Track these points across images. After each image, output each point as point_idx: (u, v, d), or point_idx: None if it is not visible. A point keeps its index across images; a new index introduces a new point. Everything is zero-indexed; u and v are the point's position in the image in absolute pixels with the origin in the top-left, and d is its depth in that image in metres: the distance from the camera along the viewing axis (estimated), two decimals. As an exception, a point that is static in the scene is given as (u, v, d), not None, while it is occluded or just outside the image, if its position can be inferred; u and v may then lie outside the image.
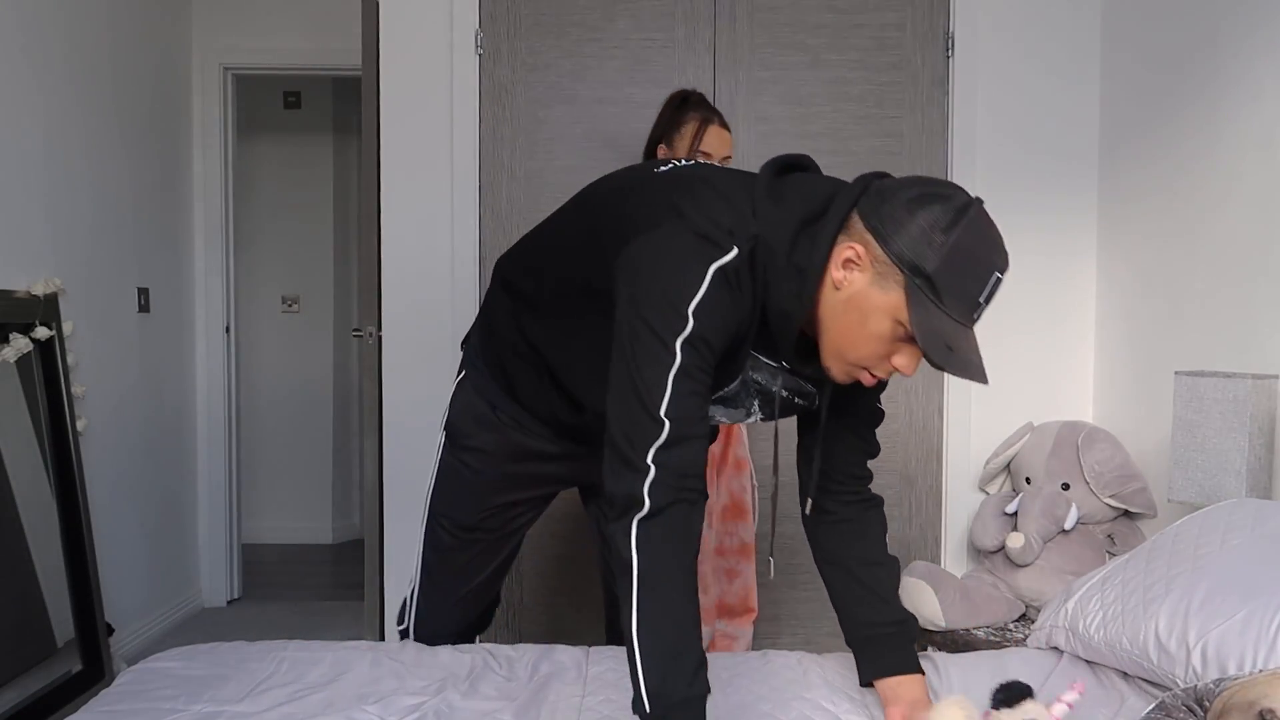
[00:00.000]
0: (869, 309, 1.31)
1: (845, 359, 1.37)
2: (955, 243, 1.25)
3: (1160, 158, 2.67)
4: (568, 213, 1.67)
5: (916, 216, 1.27)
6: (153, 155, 3.63)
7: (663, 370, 1.31)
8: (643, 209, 1.43)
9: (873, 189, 1.33)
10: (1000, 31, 2.97)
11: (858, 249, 1.30)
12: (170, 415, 3.77)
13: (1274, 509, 1.72)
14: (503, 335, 1.72)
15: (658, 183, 1.50)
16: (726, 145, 2.50)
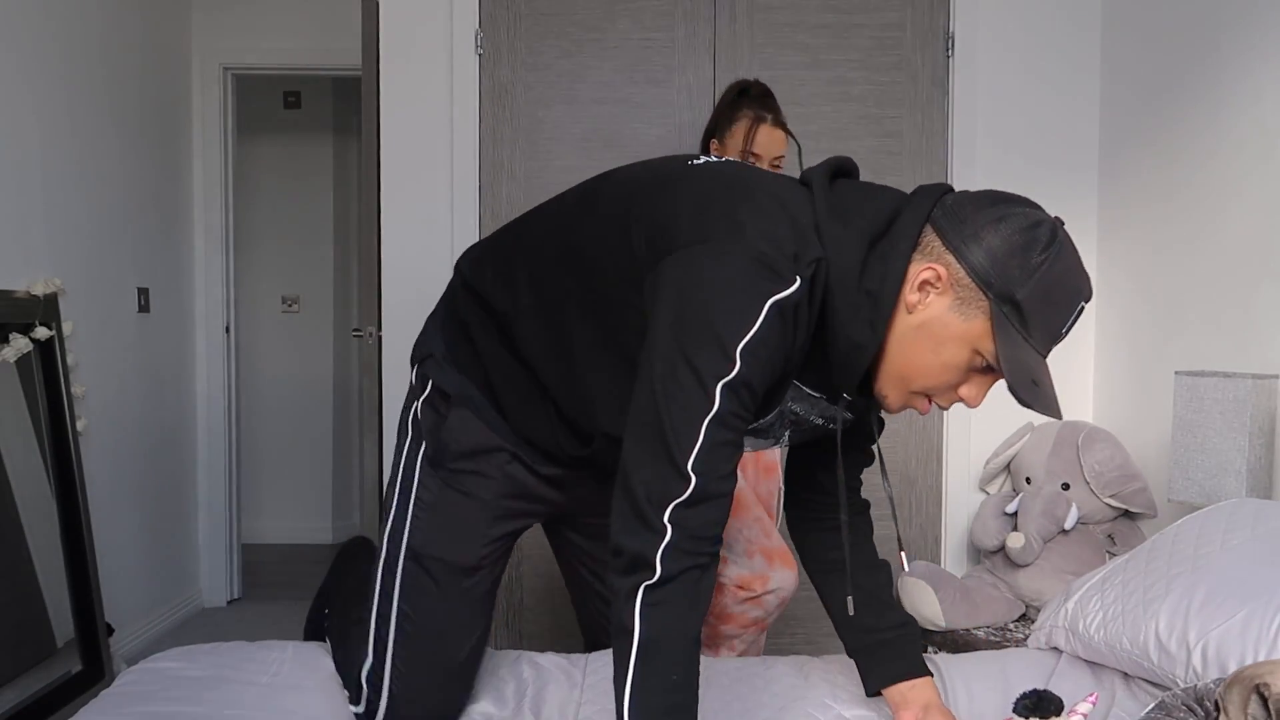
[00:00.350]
0: (945, 336, 1.20)
1: (908, 387, 1.26)
2: (1048, 269, 1.16)
3: (1160, 157, 2.67)
4: (571, 209, 1.46)
5: (1005, 238, 1.17)
6: (153, 155, 3.63)
7: (696, 416, 1.17)
8: (691, 212, 1.26)
9: (946, 203, 1.22)
10: (1000, 31, 2.97)
11: (938, 270, 1.19)
12: (170, 415, 3.77)
13: (1274, 509, 1.72)
14: (483, 348, 1.50)
15: (706, 182, 1.32)
16: (779, 145, 2.39)
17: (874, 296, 1.21)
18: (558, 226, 1.45)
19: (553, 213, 1.49)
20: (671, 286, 1.21)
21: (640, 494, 1.19)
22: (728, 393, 1.17)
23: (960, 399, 1.27)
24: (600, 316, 1.36)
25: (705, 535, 1.19)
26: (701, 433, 1.17)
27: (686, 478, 1.17)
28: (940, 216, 1.21)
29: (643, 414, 1.21)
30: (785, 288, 1.18)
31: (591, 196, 1.44)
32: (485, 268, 1.51)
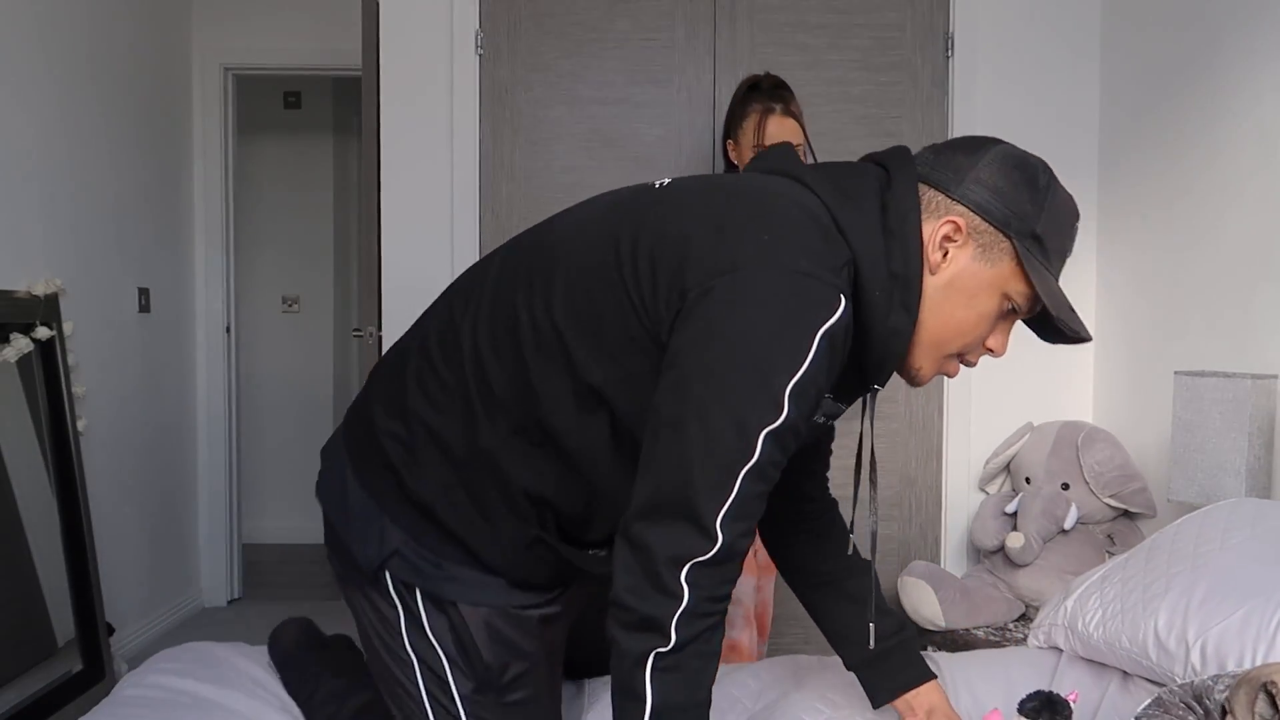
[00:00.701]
0: (977, 287, 1.16)
1: (944, 351, 1.20)
2: (1053, 196, 1.16)
3: (1160, 158, 2.67)
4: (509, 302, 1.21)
5: (1006, 175, 1.15)
6: (153, 155, 3.63)
7: (733, 466, 1.05)
8: (705, 237, 1.11)
9: (925, 159, 1.20)
10: (1000, 31, 2.97)
11: (957, 222, 1.15)
12: (170, 415, 3.77)
13: (1273, 508, 1.72)
14: (453, 518, 1.25)
15: (699, 198, 1.18)
16: (792, 134, 2.27)
17: (902, 278, 1.15)
18: (501, 334, 1.21)
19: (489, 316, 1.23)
20: (702, 322, 1.07)
21: (656, 553, 1.06)
22: (771, 441, 1.06)
23: (988, 351, 1.23)
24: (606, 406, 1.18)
25: (721, 595, 1.09)
26: (737, 485, 1.05)
27: (713, 537, 1.05)
28: (929, 172, 1.18)
29: (664, 463, 1.07)
30: (833, 313, 1.07)
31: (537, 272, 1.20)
32: (431, 408, 1.25)
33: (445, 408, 1.24)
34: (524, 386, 1.19)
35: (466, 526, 1.25)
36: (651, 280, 1.12)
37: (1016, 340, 3.21)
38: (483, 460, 1.23)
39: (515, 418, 1.21)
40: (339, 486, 1.31)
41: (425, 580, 1.27)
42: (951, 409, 2.99)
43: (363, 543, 1.28)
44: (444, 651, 1.28)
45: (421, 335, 1.30)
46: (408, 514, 1.26)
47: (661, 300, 1.11)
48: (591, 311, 1.15)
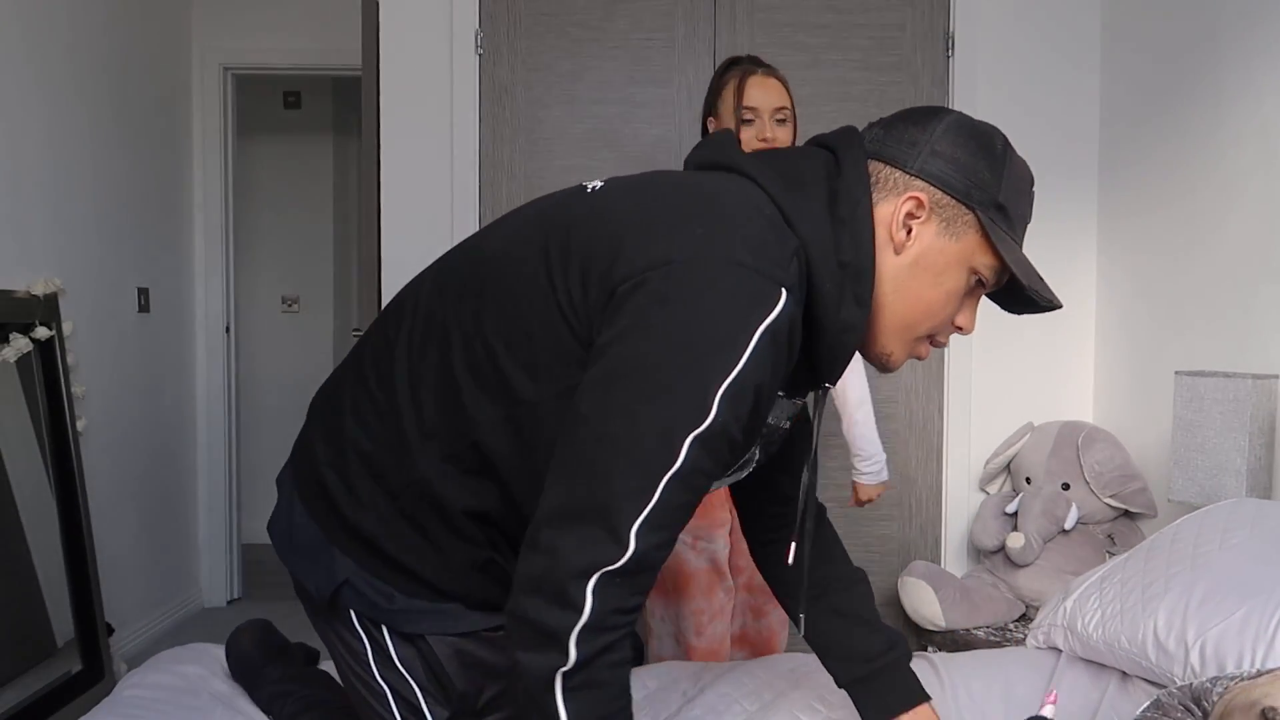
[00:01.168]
0: (944, 264, 1.12)
1: (913, 333, 1.15)
2: (1010, 163, 1.12)
3: (1160, 158, 2.67)
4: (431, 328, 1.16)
5: (962, 145, 1.11)
6: (153, 155, 3.63)
7: (653, 472, 0.97)
8: (635, 234, 1.05)
9: (875, 136, 1.15)
10: (1000, 31, 2.97)
11: (919, 197, 1.10)
12: (170, 415, 3.77)
13: (1273, 508, 1.72)
14: (398, 544, 1.19)
15: (626, 195, 1.13)
16: (778, 95, 2.06)
17: (852, 267, 1.09)
18: (435, 354, 1.16)
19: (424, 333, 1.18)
20: (629, 318, 1.00)
21: (564, 559, 0.97)
22: (698, 447, 0.98)
23: (958, 329, 1.18)
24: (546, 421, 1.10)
25: (629, 608, 1.00)
26: (658, 492, 0.97)
27: (624, 544, 0.96)
28: (881, 148, 1.13)
29: (578, 463, 0.99)
30: (773, 308, 1.00)
31: (465, 294, 1.15)
32: (364, 432, 1.20)
33: (378, 435, 1.18)
34: (456, 409, 1.13)
35: (414, 556, 1.19)
36: (582, 286, 1.05)
37: (1016, 340, 3.20)
38: (418, 488, 1.17)
39: (447, 443, 1.14)
40: (285, 517, 1.27)
41: (381, 615, 1.22)
42: (952, 409, 2.99)
43: (312, 575, 1.24)
44: (415, 681, 1.24)
45: (357, 360, 1.25)
46: (353, 545, 1.21)
47: (592, 302, 1.04)
48: (522, 326, 1.09)
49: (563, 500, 0.99)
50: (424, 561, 1.19)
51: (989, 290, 1.17)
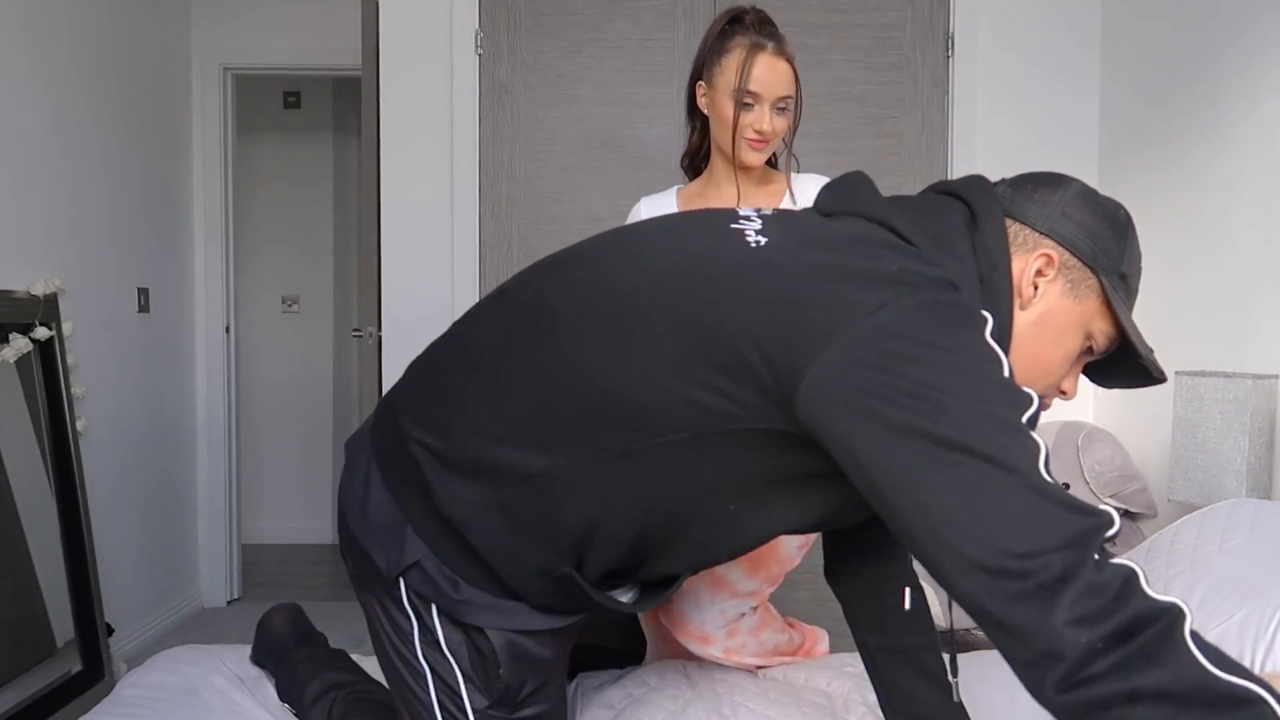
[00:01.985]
0: (1065, 324, 1.13)
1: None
2: (1132, 236, 1.17)
3: (1160, 158, 2.67)
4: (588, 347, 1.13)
5: (1090, 211, 1.14)
6: (153, 155, 3.63)
7: (1034, 460, 0.93)
8: (827, 293, 1.02)
9: (1002, 193, 1.16)
10: (1000, 31, 2.97)
11: (1051, 255, 1.12)
12: (170, 415, 3.77)
13: (1272, 509, 1.72)
14: (484, 538, 1.20)
15: (802, 253, 1.09)
16: (784, 82, 1.83)
17: (994, 329, 1.07)
18: (580, 365, 1.14)
19: (560, 348, 1.16)
20: (874, 371, 0.96)
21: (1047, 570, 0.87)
22: (1031, 428, 0.96)
23: (1061, 392, 1.18)
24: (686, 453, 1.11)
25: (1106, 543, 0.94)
26: (1046, 477, 0.93)
27: (1094, 513, 0.90)
28: (1011, 205, 1.15)
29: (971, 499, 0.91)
30: (987, 321, 1.01)
31: (620, 321, 1.12)
32: (479, 435, 1.19)
33: (497, 434, 1.17)
34: (597, 429, 1.12)
35: (496, 552, 1.20)
36: (784, 351, 1.02)
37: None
38: (532, 491, 1.16)
39: (580, 455, 1.14)
40: (362, 487, 1.27)
41: (442, 600, 1.23)
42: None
43: (384, 550, 1.23)
44: (459, 667, 1.25)
45: (472, 349, 1.23)
46: (432, 527, 1.21)
47: (797, 360, 1.01)
48: (702, 376, 1.07)
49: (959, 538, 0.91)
50: (504, 559, 1.20)
51: (1095, 358, 1.19)
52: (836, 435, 0.99)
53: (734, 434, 1.08)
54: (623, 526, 1.17)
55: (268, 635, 1.73)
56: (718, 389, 1.06)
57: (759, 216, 1.17)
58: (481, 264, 2.98)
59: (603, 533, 1.18)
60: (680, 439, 1.09)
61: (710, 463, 1.11)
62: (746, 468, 1.11)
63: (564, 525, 1.17)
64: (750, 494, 1.15)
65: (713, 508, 1.16)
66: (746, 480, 1.13)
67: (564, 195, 2.99)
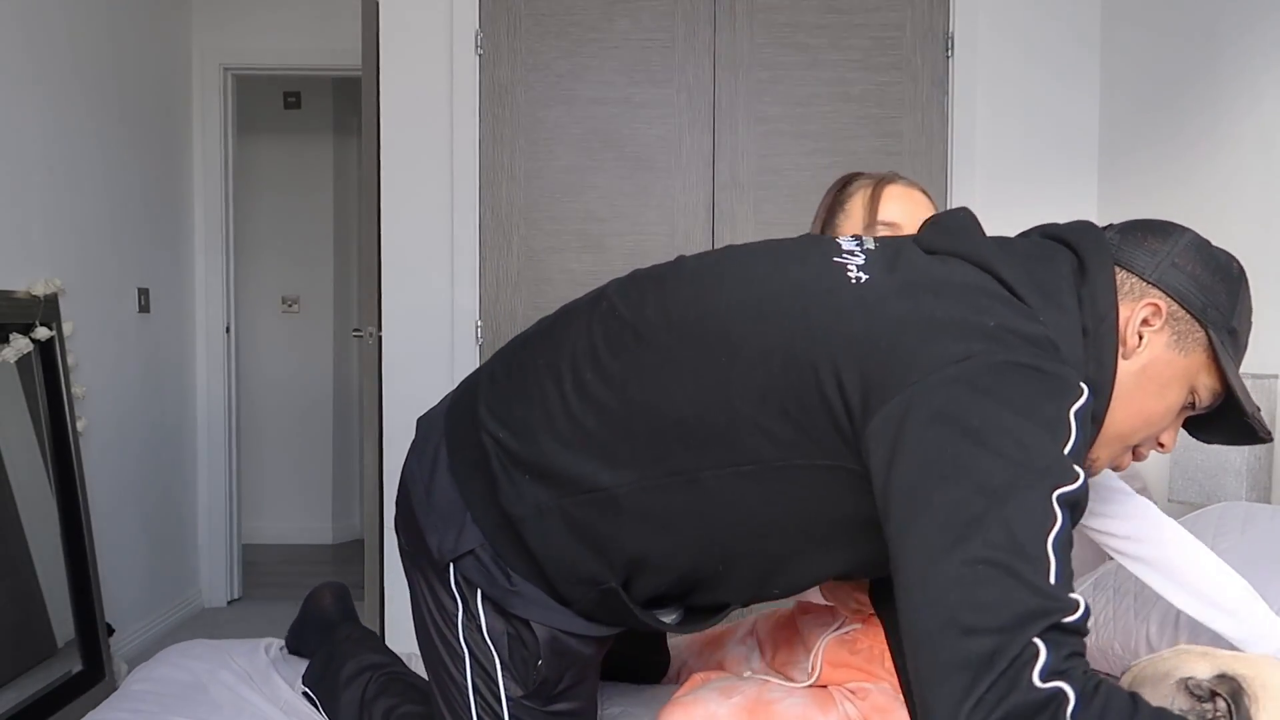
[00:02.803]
0: (1169, 377, 1.11)
1: (1126, 442, 1.14)
2: (1245, 292, 1.15)
3: (1160, 157, 2.67)
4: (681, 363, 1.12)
5: (1203, 263, 1.12)
6: (153, 155, 3.63)
7: (1041, 532, 0.90)
8: (914, 335, 1.01)
9: (1111, 240, 1.13)
10: (1000, 31, 2.97)
11: (1159, 305, 1.10)
12: (170, 415, 3.77)
13: (1262, 511, 1.72)
14: (537, 538, 1.21)
15: (900, 297, 1.06)
16: (921, 205, 1.67)
17: (1093, 383, 1.06)
18: (664, 384, 1.13)
19: (646, 365, 1.15)
20: (942, 418, 0.95)
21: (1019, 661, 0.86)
22: (1064, 504, 0.92)
23: (1160, 445, 1.16)
24: (752, 485, 1.11)
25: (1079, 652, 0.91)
26: (1051, 552, 0.90)
27: (1058, 598, 0.89)
28: (1119, 253, 1.12)
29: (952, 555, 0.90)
30: (1080, 394, 0.98)
31: (711, 344, 1.11)
32: (553, 440, 1.18)
33: (569, 440, 1.17)
34: (673, 449, 1.12)
35: (548, 551, 1.20)
36: (860, 389, 1.01)
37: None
38: (598, 501, 1.16)
39: (650, 476, 1.13)
40: (429, 468, 1.27)
41: (493, 588, 1.23)
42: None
43: (440, 533, 1.24)
44: (499, 655, 1.26)
45: (555, 353, 1.22)
46: (492, 519, 1.22)
47: (873, 399, 1.01)
48: (776, 399, 1.07)
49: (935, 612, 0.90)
50: (555, 563, 1.20)
51: (1198, 413, 1.16)
52: (877, 462, 0.99)
53: (800, 469, 1.07)
54: (678, 553, 1.17)
55: (317, 610, 1.77)
56: (790, 418, 1.05)
57: (863, 251, 1.15)
58: (481, 264, 2.98)
59: (657, 557, 1.18)
60: (747, 470, 1.09)
61: (773, 499, 1.10)
62: (809, 507, 1.11)
63: (620, 543, 1.17)
64: (810, 536, 1.14)
65: (771, 545, 1.16)
66: (807, 520, 1.12)
67: (564, 195, 2.99)
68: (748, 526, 1.14)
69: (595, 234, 2.98)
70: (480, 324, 2.98)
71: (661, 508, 1.14)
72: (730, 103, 2.97)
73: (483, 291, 2.97)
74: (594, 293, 1.27)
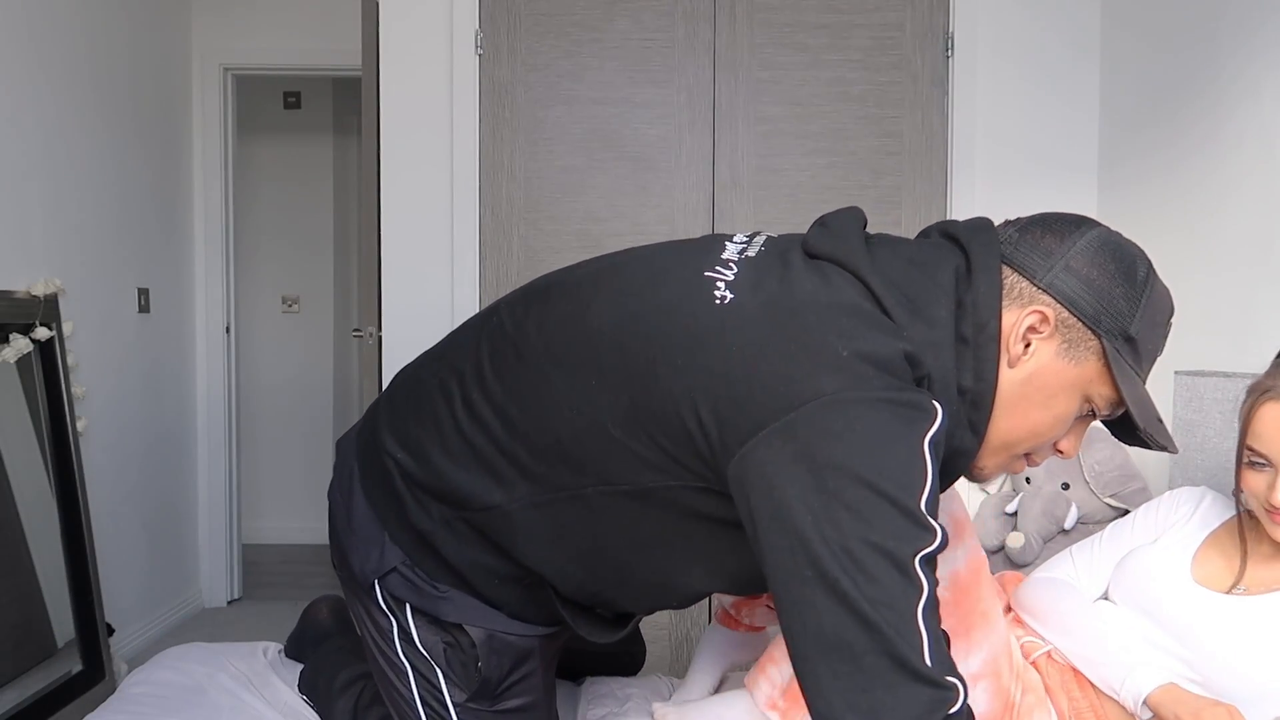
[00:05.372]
0: (1057, 386, 1.06)
1: (1013, 451, 1.11)
2: (1149, 295, 1.07)
3: (1160, 157, 2.67)
4: (555, 387, 1.12)
5: (1101, 267, 1.06)
6: (153, 155, 3.63)
7: (909, 606, 0.90)
8: (771, 371, 0.99)
9: (1008, 236, 1.09)
10: (1000, 31, 2.97)
11: (1044, 312, 1.05)
12: (170, 415, 3.77)
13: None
14: (453, 552, 1.23)
15: (757, 325, 1.03)
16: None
17: (971, 394, 1.04)
18: (542, 404, 1.13)
19: (525, 384, 1.15)
20: (797, 465, 0.93)
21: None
22: (928, 567, 0.92)
23: (1059, 452, 1.13)
24: (632, 503, 1.12)
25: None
26: (921, 625, 0.90)
27: (941, 684, 0.89)
28: (1013, 252, 1.08)
29: (829, 640, 0.90)
30: (934, 419, 0.96)
31: (580, 366, 1.11)
32: (445, 459, 1.19)
33: (459, 457, 1.18)
34: (563, 461, 1.12)
35: (463, 557, 1.22)
36: (717, 425, 1.01)
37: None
38: (494, 516, 1.18)
39: (542, 490, 1.14)
40: (347, 491, 1.30)
41: (421, 599, 1.25)
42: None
43: (361, 554, 1.27)
44: (436, 664, 1.28)
45: (445, 371, 1.23)
46: (407, 536, 1.24)
47: (729, 437, 1.00)
48: (642, 422, 1.06)
49: (838, 689, 0.90)
50: (473, 569, 1.22)
51: (1099, 420, 1.13)
52: (746, 511, 0.98)
53: (676, 489, 1.08)
54: (572, 565, 1.19)
55: (313, 622, 1.78)
56: (658, 444, 1.06)
57: (737, 262, 1.12)
58: (481, 264, 2.98)
59: (553, 567, 1.20)
60: (628, 490, 1.10)
61: (654, 516, 1.11)
62: (689, 524, 1.11)
63: (521, 552, 1.20)
64: (694, 548, 1.15)
65: (659, 559, 1.17)
66: (690, 535, 1.13)
67: (564, 195, 2.99)
68: (634, 540, 1.15)
69: (595, 234, 2.97)
70: (480, 324, 2.98)
71: (552, 522, 1.15)
72: (730, 103, 2.97)
73: (483, 291, 2.97)
74: (492, 305, 1.28)
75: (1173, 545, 1.49)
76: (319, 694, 1.62)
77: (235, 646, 1.80)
